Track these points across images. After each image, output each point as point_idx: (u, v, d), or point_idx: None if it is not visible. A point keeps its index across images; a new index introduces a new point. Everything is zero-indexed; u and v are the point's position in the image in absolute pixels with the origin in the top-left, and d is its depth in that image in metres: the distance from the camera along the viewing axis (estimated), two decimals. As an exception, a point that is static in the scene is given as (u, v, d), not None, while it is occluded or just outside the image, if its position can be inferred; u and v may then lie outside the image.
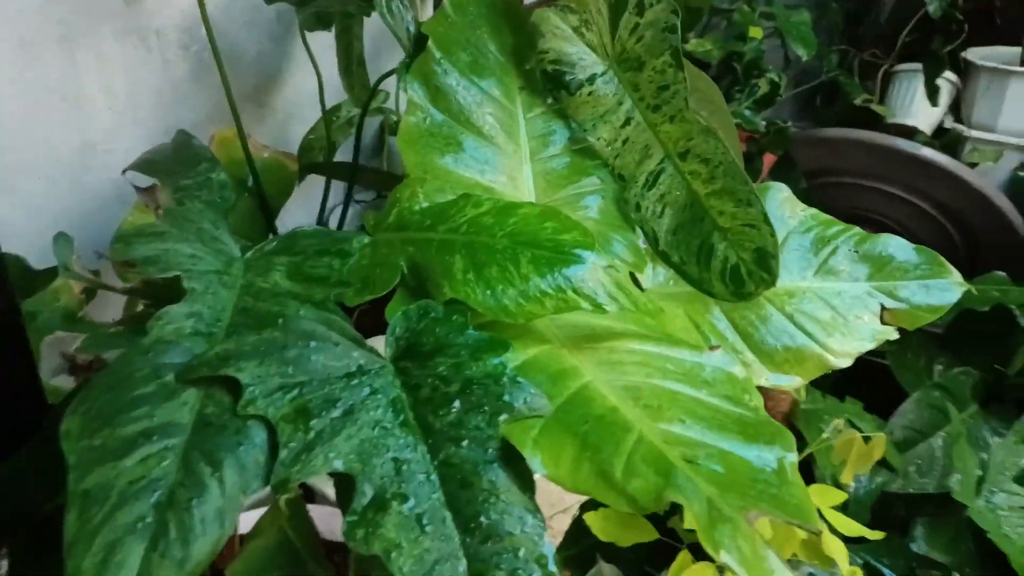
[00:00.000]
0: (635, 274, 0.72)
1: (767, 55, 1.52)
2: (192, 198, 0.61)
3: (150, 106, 0.96)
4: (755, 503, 0.43)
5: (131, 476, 0.41)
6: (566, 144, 0.76)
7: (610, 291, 0.55)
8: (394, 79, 0.93)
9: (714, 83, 0.92)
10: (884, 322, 0.70)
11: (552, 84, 0.77)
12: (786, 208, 0.77)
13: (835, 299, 0.72)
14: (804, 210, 0.77)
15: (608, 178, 0.76)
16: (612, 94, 0.75)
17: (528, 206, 0.60)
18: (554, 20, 0.76)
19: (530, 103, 0.77)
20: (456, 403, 0.47)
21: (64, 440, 0.42)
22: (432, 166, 0.69)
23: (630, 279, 0.66)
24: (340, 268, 0.57)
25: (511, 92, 0.76)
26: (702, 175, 0.71)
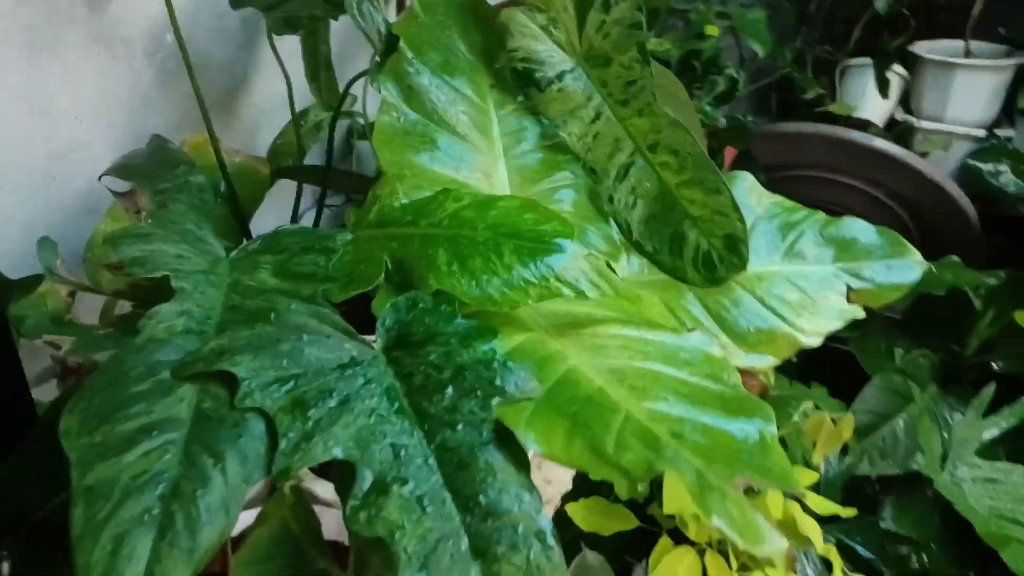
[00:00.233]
0: (611, 264, 0.74)
1: (724, 53, 1.55)
2: (173, 200, 0.61)
3: (118, 114, 0.96)
4: (741, 471, 0.44)
5: (134, 471, 0.42)
6: (538, 140, 0.78)
7: (591, 278, 0.56)
8: (357, 83, 0.94)
9: (678, 79, 0.95)
10: (850, 301, 0.73)
11: (522, 82, 0.78)
12: (752, 196, 0.79)
13: (803, 281, 0.74)
14: (769, 197, 0.80)
15: (580, 172, 0.77)
16: (581, 90, 0.77)
17: (508, 199, 0.61)
18: (522, 19, 0.78)
19: (501, 100, 0.78)
20: (449, 389, 0.48)
21: (64, 438, 0.42)
22: (408, 164, 0.71)
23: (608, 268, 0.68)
24: (326, 264, 0.58)
25: (483, 90, 0.78)
26: (672, 166, 0.73)
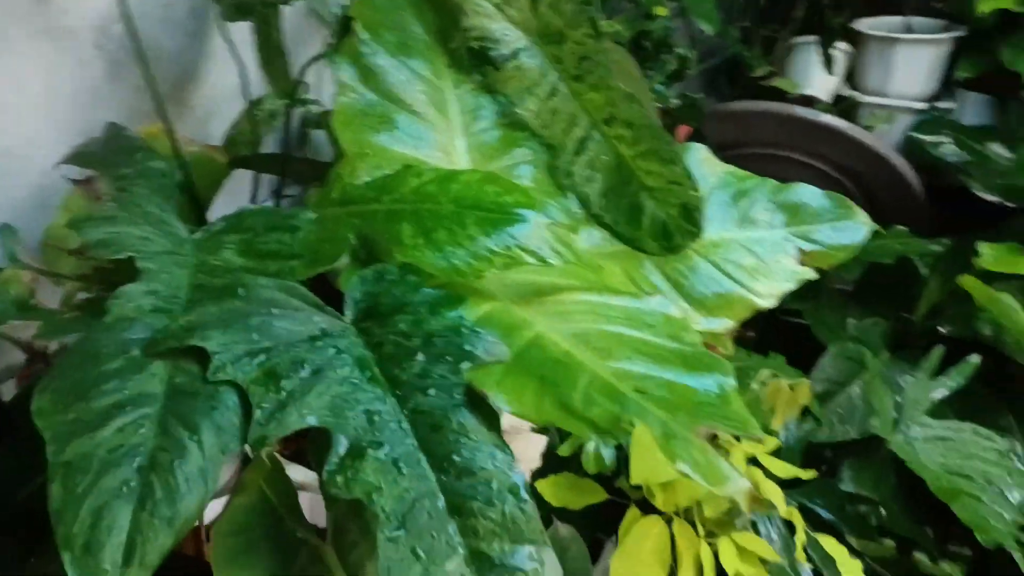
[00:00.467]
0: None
1: (675, 33, 1.58)
2: (134, 185, 0.61)
3: (67, 108, 0.94)
4: (703, 420, 0.47)
5: (110, 445, 0.42)
6: (496, 118, 0.79)
7: (553, 246, 0.58)
8: (309, 72, 0.94)
9: (630, 56, 0.97)
10: (803, 264, 0.76)
11: (478, 60, 0.79)
12: (706, 167, 0.81)
13: (756, 246, 0.77)
14: (722, 167, 0.82)
15: (538, 148, 0.79)
16: (537, 67, 0.79)
17: (469, 173, 0.63)
18: (475, -1, 0.79)
19: (458, 80, 0.79)
20: (420, 355, 0.49)
21: (37, 417, 0.43)
22: (368, 144, 0.71)
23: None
24: (291, 242, 0.59)
25: (439, 70, 0.79)
26: (627, 138, 0.75)
